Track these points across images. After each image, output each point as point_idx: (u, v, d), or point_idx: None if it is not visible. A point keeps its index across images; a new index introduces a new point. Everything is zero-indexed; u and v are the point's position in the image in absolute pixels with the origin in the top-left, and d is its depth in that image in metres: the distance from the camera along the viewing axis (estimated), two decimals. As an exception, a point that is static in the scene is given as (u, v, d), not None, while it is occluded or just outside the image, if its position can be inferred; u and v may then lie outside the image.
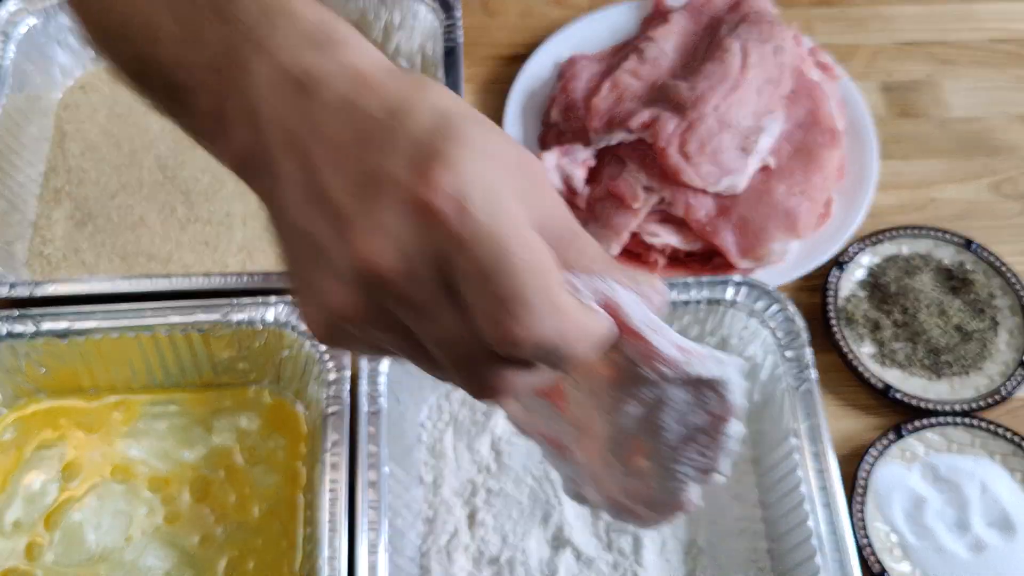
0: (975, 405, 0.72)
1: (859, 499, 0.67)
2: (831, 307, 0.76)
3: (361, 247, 0.33)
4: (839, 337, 0.74)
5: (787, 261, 0.77)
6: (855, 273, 0.78)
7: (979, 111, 0.90)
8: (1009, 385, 0.73)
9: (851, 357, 0.73)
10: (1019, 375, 0.73)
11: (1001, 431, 0.70)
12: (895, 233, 0.79)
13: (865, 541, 0.66)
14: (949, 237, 0.79)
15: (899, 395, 0.72)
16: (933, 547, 0.67)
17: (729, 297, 0.69)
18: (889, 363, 0.74)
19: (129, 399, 0.72)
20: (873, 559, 0.65)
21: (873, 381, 0.72)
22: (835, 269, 0.77)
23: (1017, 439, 0.70)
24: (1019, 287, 0.77)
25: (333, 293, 0.34)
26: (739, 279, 0.70)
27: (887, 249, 0.79)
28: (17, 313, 0.68)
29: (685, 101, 0.77)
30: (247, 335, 0.69)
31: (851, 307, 0.76)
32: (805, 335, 0.68)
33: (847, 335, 0.75)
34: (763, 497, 0.67)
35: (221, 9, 0.36)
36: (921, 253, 0.79)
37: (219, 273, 0.73)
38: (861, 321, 0.76)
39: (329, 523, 0.61)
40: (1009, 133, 0.88)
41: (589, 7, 0.94)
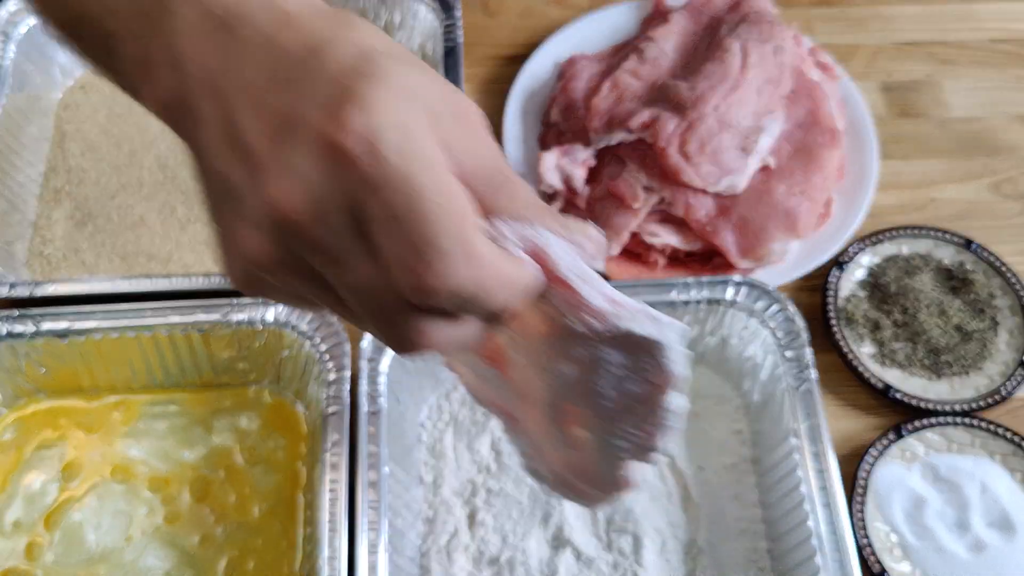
0: (975, 405, 0.72)
1: (859, 499, 0.67)
2: (831, 307, 0.76)
3: (271, 191, 0.32)
4: (839, 337, 0.74)
5: (787, 261, 0.77)
6: (855, 273, 0.78)
7: (979, 111, 0.90)
8: (1009, 385, 0.73)
9: (851, 357, 0.73)
10: (1019, 375, 0.73)
11: (1001, 431, 0.70)
12: (895, 233, 0.79)
13: (865, 541, 0.66)
14: (949, 237, 0.79)
15: (899, 395, 0.72)
16: (933, 547, 0.67)
17: (729, 297, 0.69)
18: (889, 363, 0.74)
19: (129, 399, 0.72)
20: (873, 559, 0.65)
21: (873, 381, 0.72)
22: (835, 269, 0.77)
23: (1017, 439, 0.70)
24: (1019, 287, 0.77)
25: (247, 239, 0.34)
26: (739, 279, 0.70)
27: (887, 249, 0.79)
28: (17, 313, 0.68)
29: (685, 101, 0.77)
30: (247, 335, 0.69)
31: (851, 307, 0.76)
32: (805, 335, 0.68)
33: (847, 335, 0.75)
34: (763, 497, 0.67)
35: None
36: (921, 253, 0.79)
37: (219, 273, 0.73)
38: (861, 321, 0.76)
39: (329, 523, 0.61)
40: (1009, 133, 0.88)
41: (589, 7, 0.94)
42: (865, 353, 0.75)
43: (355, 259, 0.33)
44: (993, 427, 0.70)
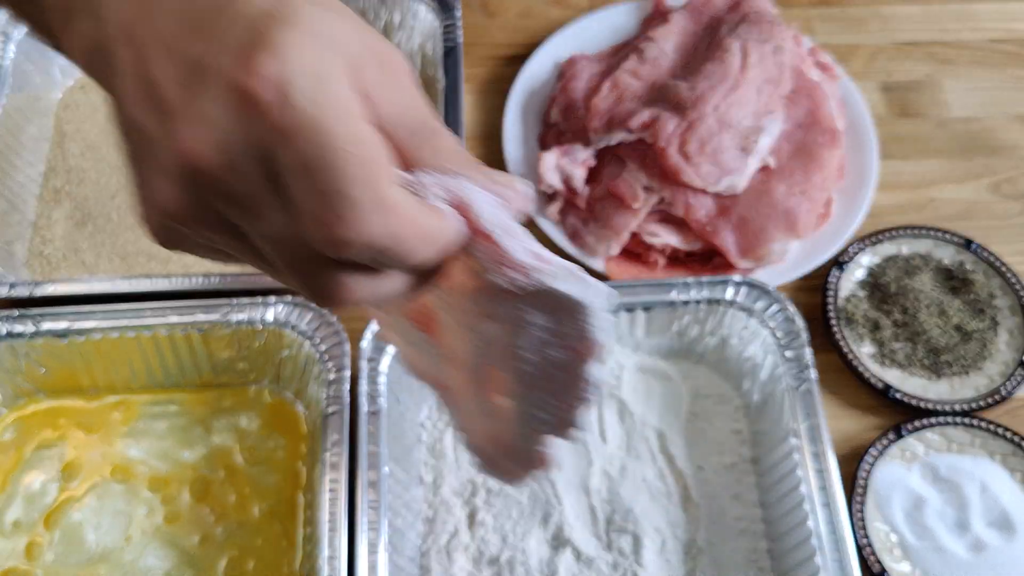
0: (975, 405, 0.72)
1: (859, 499, 0.67)
2: (831, 307, 0.76)
3: (181, 140, 0.31)
4: (839, 337, 0.74)
5: (787, 261, 0.77)
6: (855, 273, 0.78)
7: (979, 111, 0.90)
8: (1009, 385, 0.73)
9: (851, 357, 0.73)
10: (1019, 375, 0.73)
11: (1001, 431, 0.70)
12: (895, 233, 0.79)
13: (865, 541, 0.66)
14: (949, 237, 0.79)
15: (899, 395, 0.72)
16: (933, 547, 0.67)
17: (729, 297, 0.69)
18: (889, 363, 0.74)
19: (129, 399, 0.72)
20: (873, 559, 0.65)
21: (873, 381, 0.72)
22: (835, 269, 0.77)
23: (1017, 439, 0.70)
24: (1019, 287, 0.77)
25: (160, 191, 0.33)
26: (739, 279, 0.70)
27: (887, 249, 0.79)
28: (17, 313, 0.68)
29: (685, 101, 0.77)
30: (247, 335, 0.69)
31: (851, 307, 0.76)
32: (805, 335, 0.68)
33: (847, 335, 0.75)
34: (763, 497, 0.67)
35: None
36: (921, 253, 0.79)
37: (219, 273, 0.73)
38: (861, 321, 0.76)
39: (329, 523, 0.61)
40: (1009, 133, 0.88)
41: (589, 7, 0.94)
42: (865, 353, 0.75)
43: (269, 210, 0.32)
44: (993, 427, 0.70)
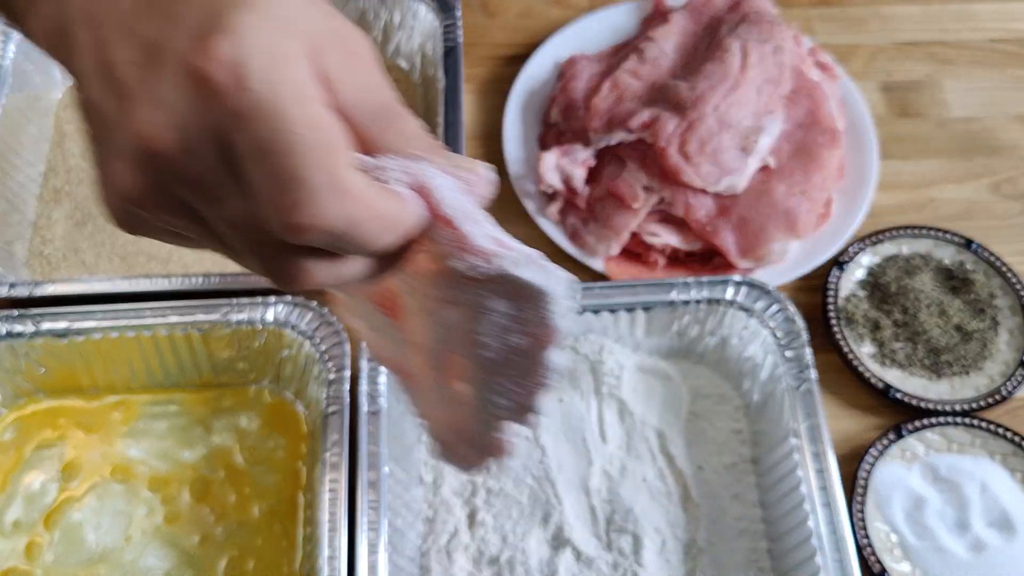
0: (975, 405, 0.72)
1: (859, 499, 0.67)
2: (831, 307, 0.76)
3: (138, 122, 0.31)
4: (839, 337, 0.74)
5: (787, 261, 0.77)
6: (855, 273, 0.78)
7: (979, 111, 0.90)
8: (1009, 385, 0.73)
9: (851, 357, 0.73)
10: (1019, 375, 0.73)
11: (1001, 431, 0.70)
12: (895, 233, 0.79)
13: (865, 541, 0.66)
14: (949, 237, 0.79)
15: (899, 395, 0.72)
16: (933, 547, 0.67)
17: (729, 297, 0.69)
18: (889, 363, 0.74)
19: (129, 399, 0.72)
20: (873, 559, 0.65)
21: (873, 381, 0.72)
22: (835, 269, 0.77)
23: (1017, 439, 0.70)
24: (1019, 287, 0.77)
25: (119, 174, 0.32)
26: (739, 279, 0.70)
27: (887, 249, 0.79)
28: (17, 313, 0.68)
29: (685, 101, 0.77)
30: (247, 335, 0.69)
31: (851, 307, 0.76)
32: (805, 335, 0.68)
33: (847, 335, 0.75)
34: (763, 497, 0.67)
35: None
36: (921, 253, 0.79)
37: (219, 273, 0.73)
38: (861, 321, 0.76)
39: (329, 523, 0.61)
40: (1009, 133, 0.88)
41: (589, 7, 0.94)
42: (865, 353, 0.75)
43: (227, 193, 0.32)
44: (993, 427, 0.70)
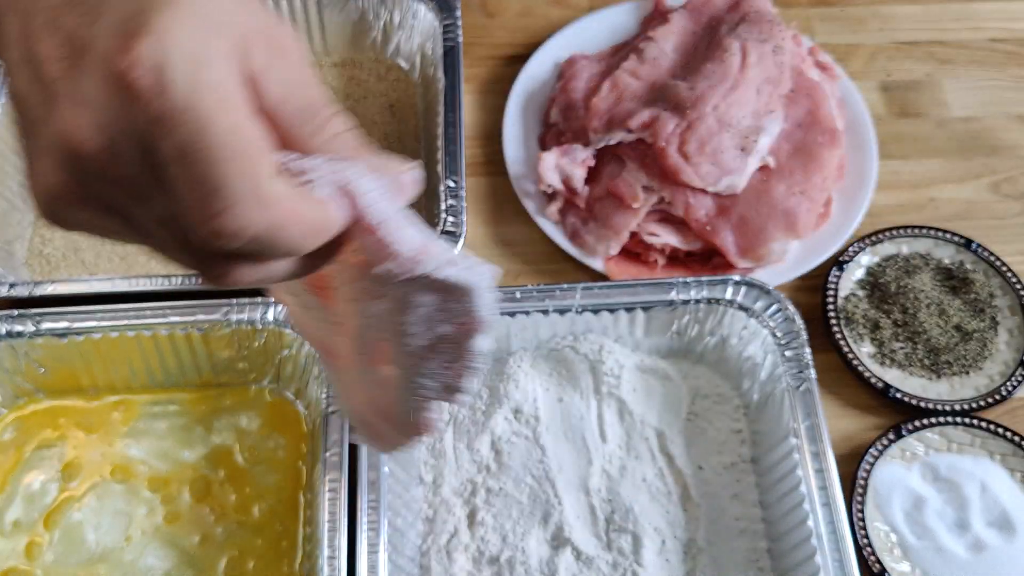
0: (975, 405, 0.72)
1: (859, 499, 0.67)
2: (831, 307, 0.76)
3: (63, 122, 0.30)
4: (839, 337, 0.74)
5: (786, 261, 0.77)
6: (855, 273, 0.78)
7: (978, 111, 0.90)
8: (1009, 385, 0.73)
9: (851, 357, 0.73)
10: (1019, 375, 0.73)
11: (1001, 431, 0.70)
12: (895, 233, 0.79)
13: (865, 541, 0.66)
14: (949, 237, 0.79)
15: (899, 395, 0.72)
16: (933, 547, 0.67)
17: (729, 297, 0.69)
18: (889, 363, 0.74)
19: (129, 399, 0.72)
20: (873, 559, 0.65)
21: (873, 381, 0.72)
22: (835, 269, 0.77)
23: (1017, 439, 0.70)
24: (1019, 287, 0.77)
25: (44, 171, 0.32)
26: (738, 279, 0.70)
27: (887, 249, 0.79)
28: (17, 313, 0.68)
29: (685, 101, 0.77)
30: (247, 335, 0.69)
31: (851, 307, 0.76)
32: (804, 335, 0.68)
33: (847, 335, 0.75)
34: (763, 497, 0.67)
35: None
36: (921, 253, 0.79)
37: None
38: (861, 321, 0.76)
39: (329, 523, 0.61)
40: (1009, 133, 0.88)
41: (589, 7, 0.94)
42: (865, 353, 0.75)
43: (152, 195, 0.32)
44: (993, 427, 0.70)
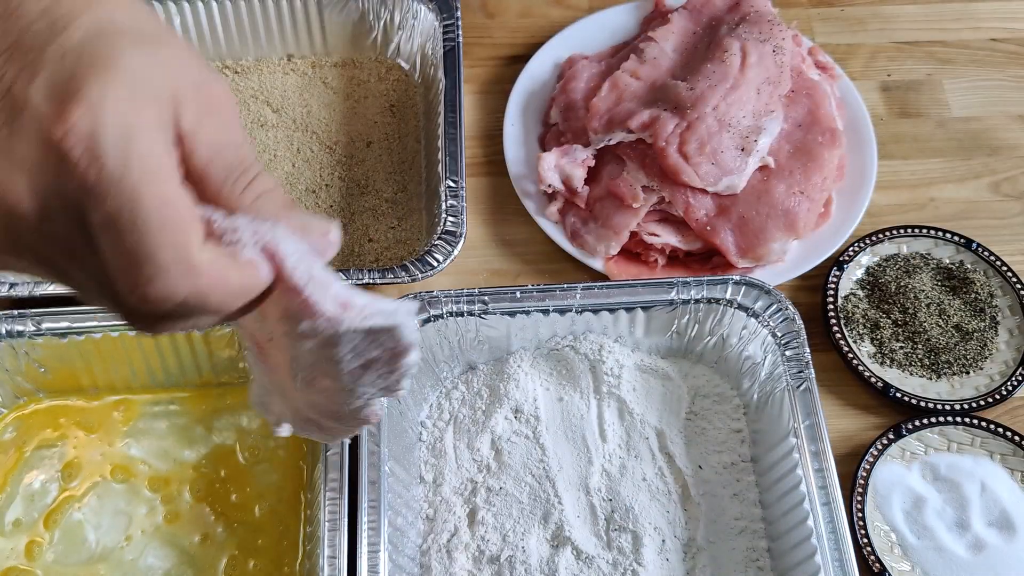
0: (975, 405, 0.72)
1: (859, 498, 0.67)
2: (831, 307, 0.76)
3: None
4: (838, 337, 0.74)
5: (786, 261, 0.77)
6: (854, 273, 0.78)
7: (979, 110, 0.90)
8: (1009, 385, 0.73)
9: (851, 356, 0.73)
10: (1019, 375, 0.73)
11: (1001, 431, 0.70)
12: (895, 233, 0.79)
13: (865, 540, 0.66)
14: (949, 237, 0.79)
15: (899, 395, 0.72)
16: (933, 546, 0.67)
17: (728, 296, 0.69)
18: (888, 363, 0.75)
19: (129, 399, 0.72)
20: (873, 558, 0.65)
21: (873, 380, 0.72)
22: (835, 269, 0.77)
23: (1017, 439, 0.70)
24: (1019, 287, 0.77)
25: None
26: (738, 278, 0.70)
27: (886, 249, 0.79)
28: (17, 313, 0.68)
29: (684, 101, 0.77)
30: (247, 334, 0.69)
31: (850, 307, 0.76)
32: (804, 334, 0.68)
33: (846, 334, 0.75)
34: (763, 496, 0.67)
35: None
36: (921, 253, 0.79)
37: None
38: (860, 321, 0.76)
39: (329, 522, 0.61)
40: (1009, 132, 0.88)
41: (589, 7, 0.95)
42: (864, 352, 0.75)
43: (84, 256, 0.32)
44: (993, 427, 0.70)
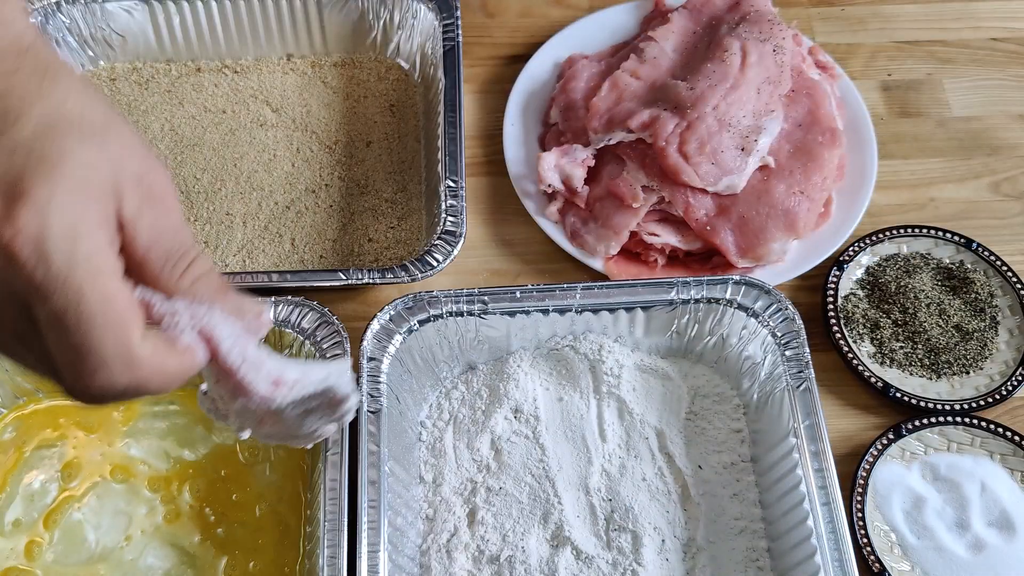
0: (975, 405, 0.72)
1: (859, 498, 0.67)
2: (831, 306, 0.76)
3: None
4: (838, 336, 0.74)
5: (786, 260, 0.77)
6: (854, 273, 0.78)
7: (979, 110, 0.90)
8: (1009, 385, 0.73)
9: (851, 356, 0.73)
10: (1019, 375, 0.73)
11: (1001, 431, 0.70)
12: (895, 233, 0.79)
13: (865, 540, 0.66)
14: (949, 236, 0.79)
15: (899, 394, 0.72)
16: (933, 546, 0.67)
17: (728, 296, 0.69)
18: (888, 363, 0.74)
19: (129, 399, 0.72)
20: (873, 558, 0.65)
21: (873, 380, 0.72)
22: (835, 269, 0.77)
23: (1017, 439, 0.70)
24: (1019, 287, 0.77)
25: None
26: (738, 278, 0.70)
27: (886, 249, 0.79)
28: (17, 313, 0.68)
29: (684, 101, 0.77)
30: (247, 335, 0.69)
31: (850, 306, 0.76)
32: (804, 334, 0.68)
33: (846, 334, 0.75)
34: (763, 496, 0.67)
35: None
36: (921, 252, 0.79)
37: (219, 273, 0.73)
38: (860, 320, 0.76)
39: (329, 522, 0.61)
40: (1009, 132, 0.88)
41: (589, 7, 0.94)
42: (864, 352, 0.75)
43: (32, 342, 0.35)
44: (993, 427, 0.70)
